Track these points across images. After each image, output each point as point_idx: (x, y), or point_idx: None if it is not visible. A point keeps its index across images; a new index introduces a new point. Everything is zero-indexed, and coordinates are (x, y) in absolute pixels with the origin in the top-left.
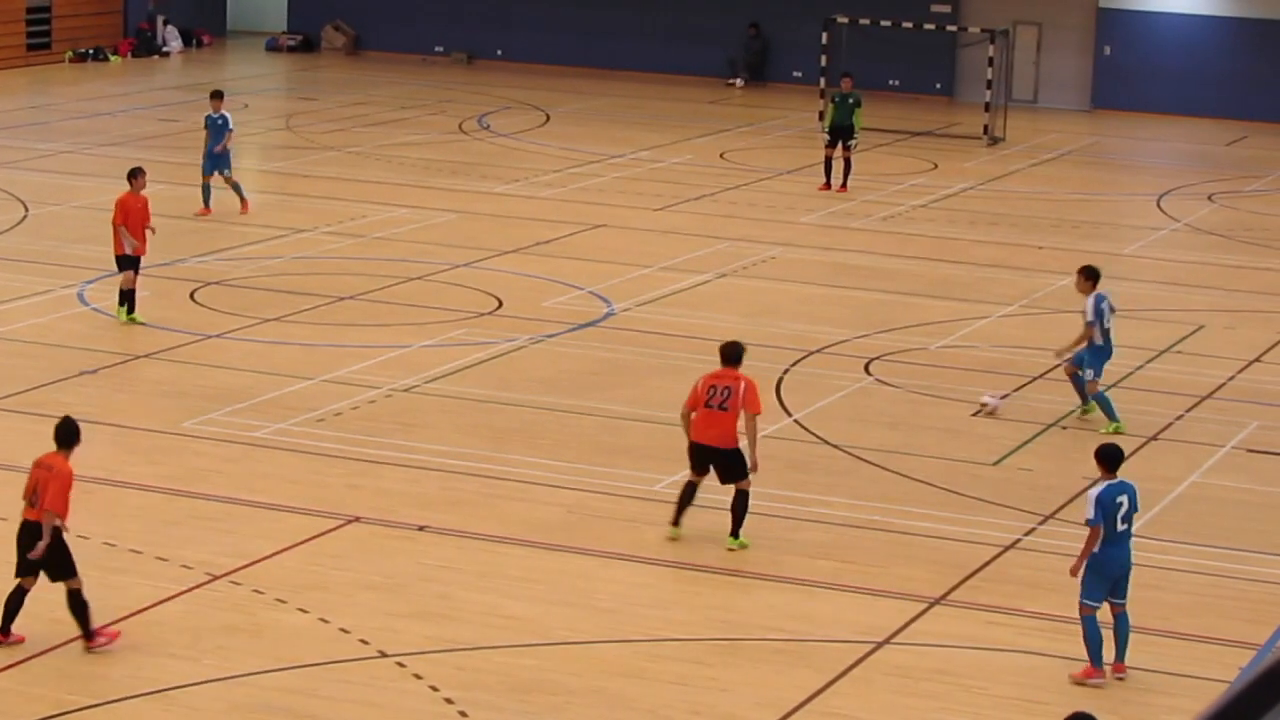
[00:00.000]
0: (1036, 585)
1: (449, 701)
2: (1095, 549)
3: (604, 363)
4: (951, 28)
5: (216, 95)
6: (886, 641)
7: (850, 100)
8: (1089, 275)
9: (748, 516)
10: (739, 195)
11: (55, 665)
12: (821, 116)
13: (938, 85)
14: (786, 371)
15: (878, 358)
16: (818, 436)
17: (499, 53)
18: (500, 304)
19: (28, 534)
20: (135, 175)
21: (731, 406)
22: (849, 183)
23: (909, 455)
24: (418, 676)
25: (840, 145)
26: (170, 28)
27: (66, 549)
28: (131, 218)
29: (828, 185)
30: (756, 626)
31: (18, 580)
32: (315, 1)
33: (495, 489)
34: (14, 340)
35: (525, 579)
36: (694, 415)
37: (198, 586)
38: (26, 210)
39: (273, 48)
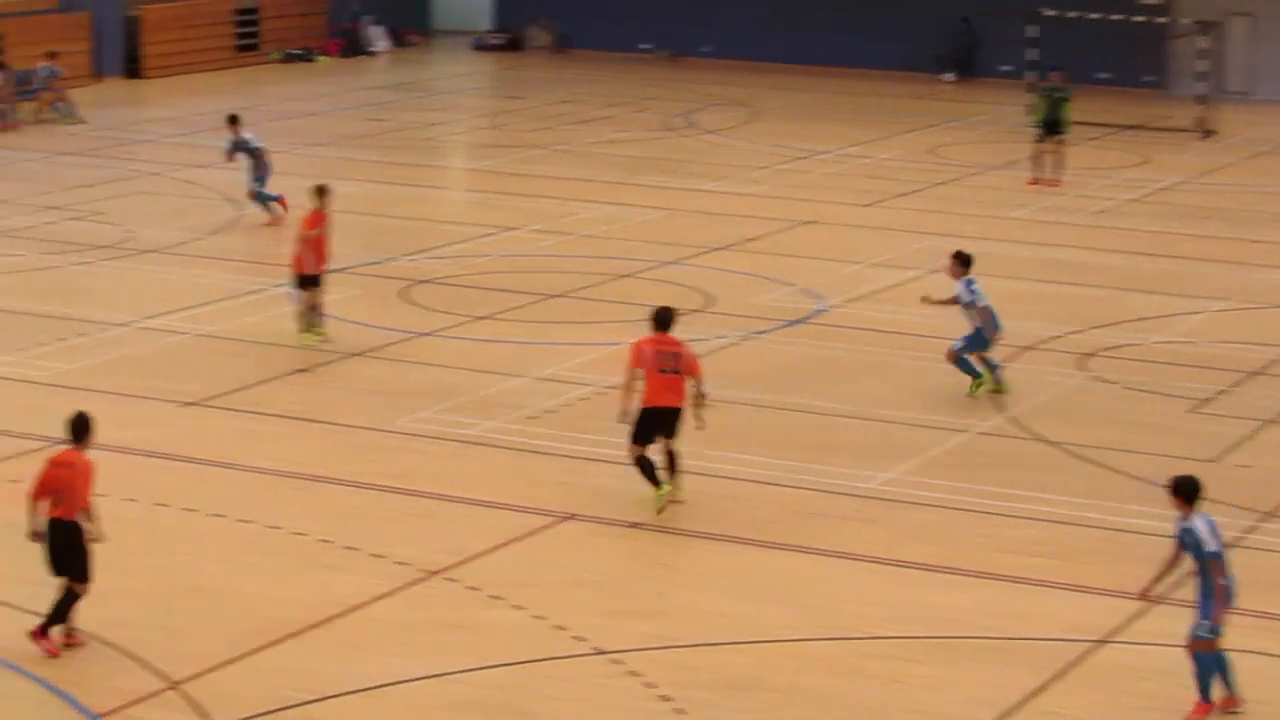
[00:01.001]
0: (1256, 584)
1: (665, 699)
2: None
3: (815, 359)
4: (1163, 20)
5: (233, 120)
6: (1105, 641)
7: (1060, 94)
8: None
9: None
10: (948, 191)
11: (270, 662)
12: (1030, 111)
13: (1149, 78)
14: (999, 368)
15: (1091, 354)
16: (1033, 433)
17: (704, 49)
18: (709, 301)
19: (58, 532)
20: (323, 190)
21: (685, 370)
22: (1060, 177)
23: (1125, 452)
24: (633, 674)
25: (1051, 139)
26: (377, 27)
27: (87, 552)
28: (320, 236)
29: (1037, 180)
30: (971, 625)
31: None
32: (522, 0)
33: (707, 486)
34: (227, 339)
35: (739, 577)
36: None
37: (412, 584)
38: (239, 211)
39: (479, 46)
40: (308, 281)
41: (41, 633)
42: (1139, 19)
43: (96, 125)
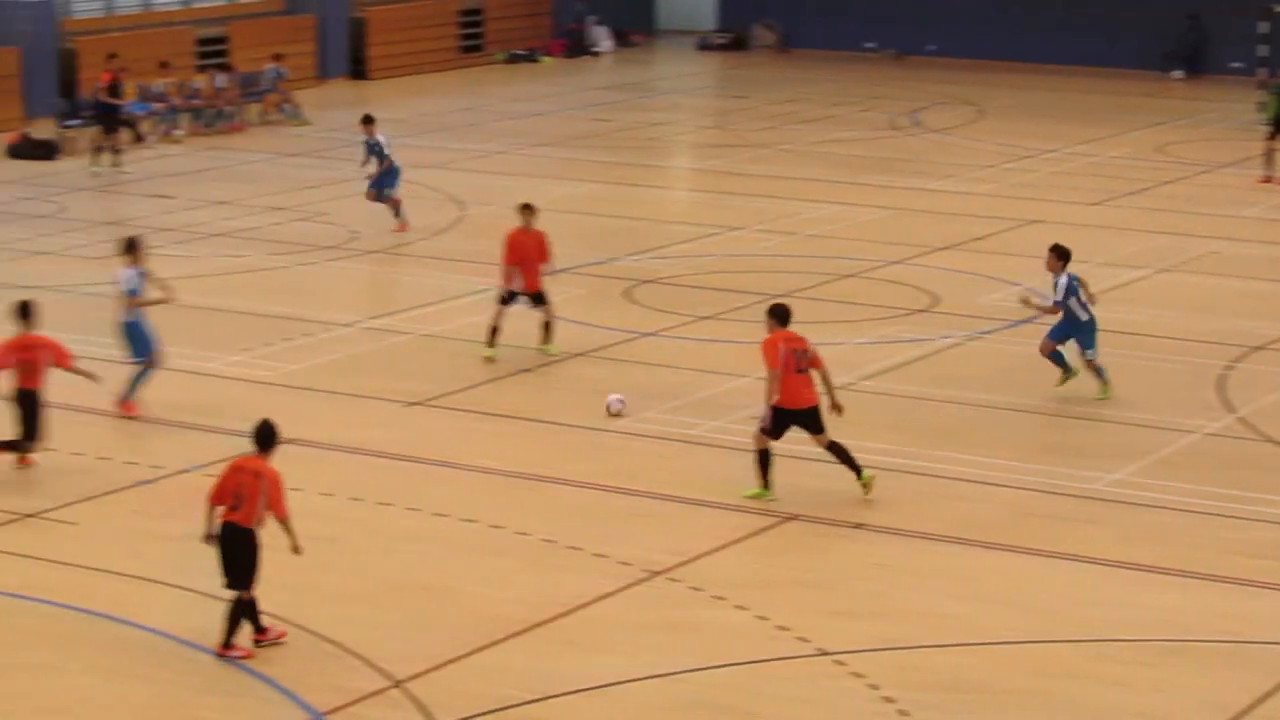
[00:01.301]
0: None
1: (889, 700)
2: None
3: (1041, 359)
4: None
5: (368, 120)
6: None
7: None
8: (1060, 255)
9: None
10: (1177, 189)
11: (493, 661)
12: (1260, 108)
13: None
14: (1230, 368)
15: None
16: (1262, 434)
17: (930, 48)
18: (934, 301)
19: (231, 536)
20: (528, 209)
21: (811, 365)
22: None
23: None
24: (856, 675)
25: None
26: (601, 27)
27: (257, 561)
28: (527, 256)
29: (1269, 178)
30: (1198, 627)
31: (240, 593)
32: (745, 0)
33: (933, 487)
34: (452, 339)
35: (963, 578)
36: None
37: (635, 584)
38: (462, 210)
39: (703, 46)
40: (506, 298)
41: (226, 646)
42: None
43: (321, 126)
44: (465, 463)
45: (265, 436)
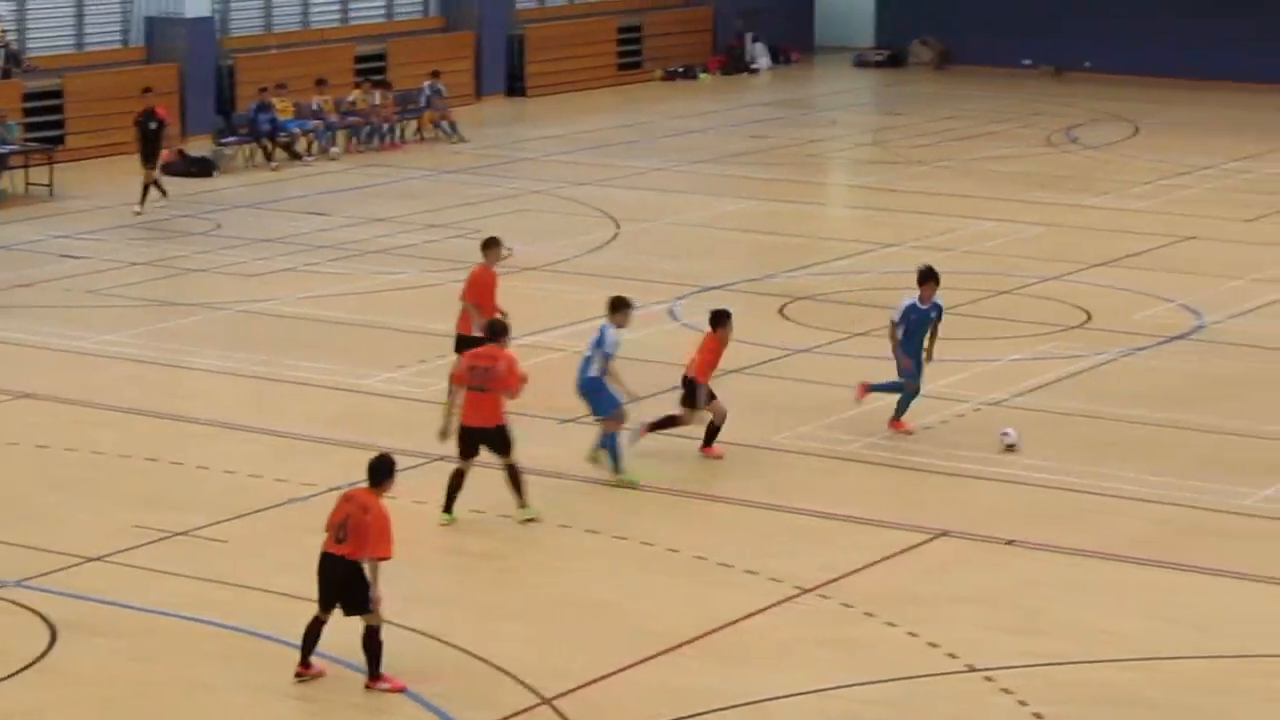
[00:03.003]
0: None
1: (1038, 716)
2: None
3: (1197, 375)
4: None
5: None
6: None
7: None
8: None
9: None
10: None
11: (646, 677)
12: None
13: None
14: None
15: None
16: None
17: (1087, 64)
18: (1089, 317)
19: (329, 567)
20: (489, 246)
21: (490, 386)
22: None
23: None
24: (1006, 691)
25: None
26: (759, 44)
27: (368, 585)
28: (485, 295)
29: None
30: None
31: (317, 615)
32: (904, 16)
33: (1086, 503)
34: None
35: (1117, 594)
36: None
37: (787, 600)
38: (618, 227)
39: (861, 63)
40: (466, 344)
41: (374, 676)
42: None
43: (479, 143)
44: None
45: (377, 471)
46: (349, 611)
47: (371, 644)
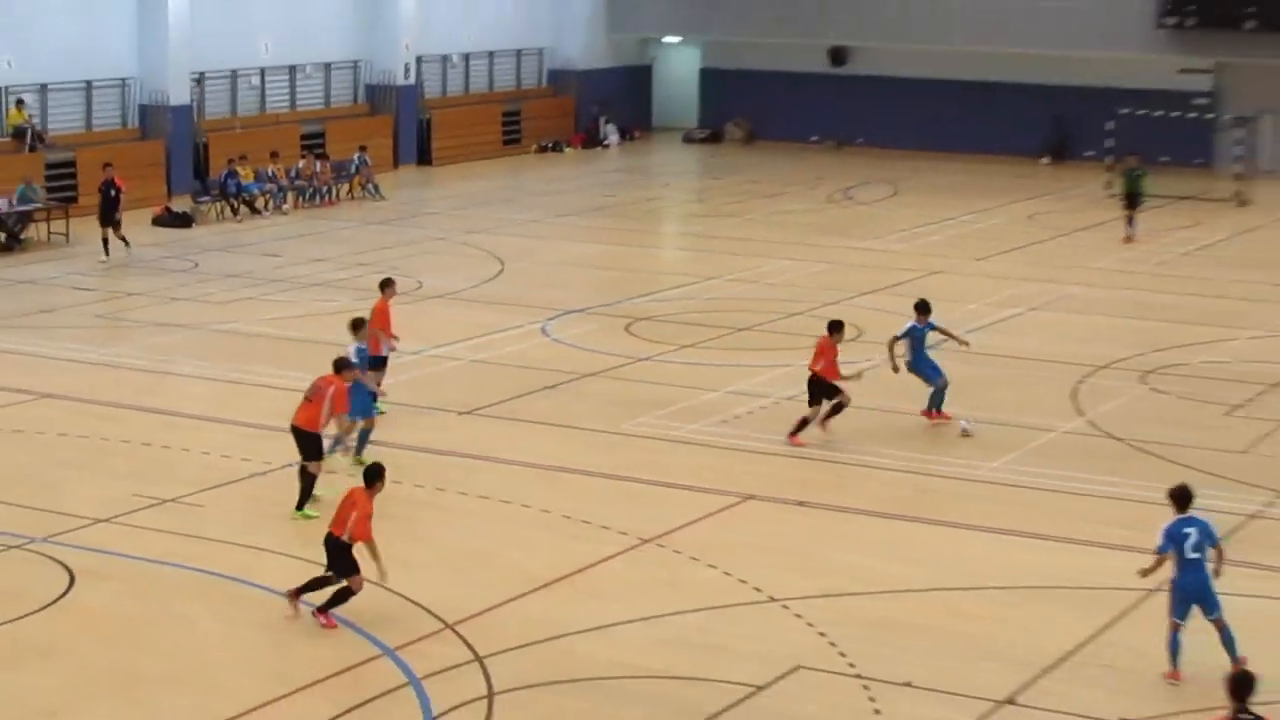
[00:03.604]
0: (1276, 545)
1: (822, 635)
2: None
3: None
4: (1210, 115)
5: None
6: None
7: (1137, 173)
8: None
9: None
10: (1044, 248)
11: (525, 608)
12: (1108, 186)
13: (1198, 160)
14: (1081, 382)
15: (1152, 371)
16: (1104, 432)
17: (860, 140)
18: (860, 332)
19: (329, 542)
20: (386, 285)
21: (315, 400)
22: (1134, 236)
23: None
24: (798, 616)
25: (1131, 208)
26: (610, 125)
27: (353, 556)
28: (384, 321)
29: (1129, 238)
30: (1056, 576)
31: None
32: (720, 103)
33: (855, 474)
34: (496, 364)
35: (880, 542)
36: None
37: (631, 549)
38: (502, 265)
39: (688, 139)
40: (379, 363)
41: (320, 611)
42: (1192, 115)
43: (396, 201)
44: (504, 457)
45: (369, 475)
46: (338, 576)
47: (339, 596)
